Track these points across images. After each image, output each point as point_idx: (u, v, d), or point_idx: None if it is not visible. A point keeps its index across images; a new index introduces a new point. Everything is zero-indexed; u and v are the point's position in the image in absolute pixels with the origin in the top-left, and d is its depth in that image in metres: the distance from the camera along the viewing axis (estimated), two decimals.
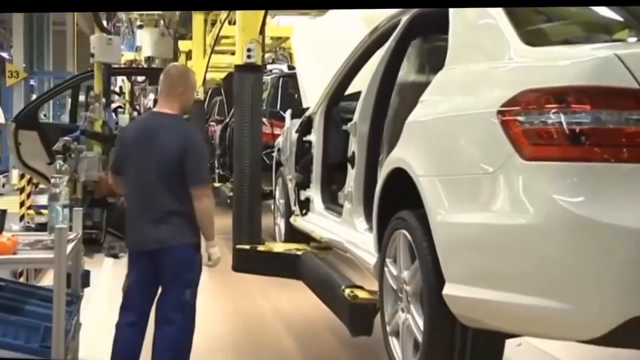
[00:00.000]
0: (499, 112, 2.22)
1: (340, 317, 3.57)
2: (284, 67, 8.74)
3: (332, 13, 5.19)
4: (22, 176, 8.12)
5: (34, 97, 21.39)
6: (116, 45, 5.08)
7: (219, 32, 8.79)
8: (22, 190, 7.94)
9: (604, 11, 2.95)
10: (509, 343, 4.61)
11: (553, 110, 2.07)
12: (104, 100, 4.90)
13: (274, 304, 5.17)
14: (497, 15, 2.58)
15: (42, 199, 7.82)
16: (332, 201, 4.35)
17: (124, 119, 5.03)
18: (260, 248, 4.67)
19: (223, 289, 6.25)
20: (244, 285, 6.88)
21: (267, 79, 7.72)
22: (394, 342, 2.93)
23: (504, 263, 2.23)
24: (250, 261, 4.69)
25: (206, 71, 9.93)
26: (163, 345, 3.60)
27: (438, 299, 2.48)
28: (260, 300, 4.38)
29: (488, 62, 2.54)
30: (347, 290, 3.45)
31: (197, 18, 9.45)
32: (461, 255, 2.42)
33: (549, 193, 2.05)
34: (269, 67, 8.41)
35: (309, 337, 4.57)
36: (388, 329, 2.98)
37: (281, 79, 7.65)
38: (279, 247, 4.87)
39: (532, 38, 2.45)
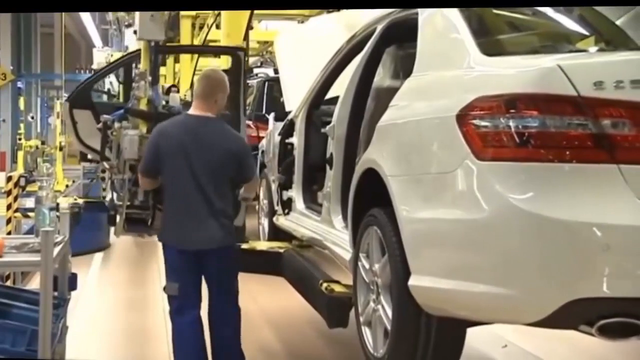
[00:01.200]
0: (458, 117, 2.44)
1: (318, 310, 3.79)
2: (270, 71, 8.95)
3: (314, 21, 5.43)
4: (9, 179, 8.03)
5: (21, 99, 21.67)
6: (159, 21, 4.90)
7: (206, 36, 9.00)
8: (9, 193, 7.86)
9: (567, 22, 3.22)
10: (496, 345, 4.83)
11: (503, 116, 2.29)
12: (149, 78, 4.80)
13: (256, 299, 5.38)
14: (460, 26, 2.82)
15: (30, 202, 8.00)
16: (312, 201, 4.57)
17: (174, 97, 4.92)
18: (244, 246, 4.88)
19: None
20: None
21: (253, 82, 7.94)
22: (366, 332, 3.15)
23: (461, 255, 2.45)
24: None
25: (194, 74, 10.12)
26: (226, 345, 3.80)
27: (404, 289, 2.69)
28: (243, 295, 4.55)
29: (450, 70, 2.77)
30: (325, 285, 3.68)
31: (185, 22, 9.65)
32: (424, 249, 2.65)
33: (499, 190, 2.27)
34: (255, 70, 8.62)
35: (287, 329, 4.84)
36: (361, 319, 3.20)
37: (266, 83, 7.86)
38: (262, 245, 5.09)
39: (490, 48, 2.68)
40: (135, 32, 4.95)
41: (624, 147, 2.15)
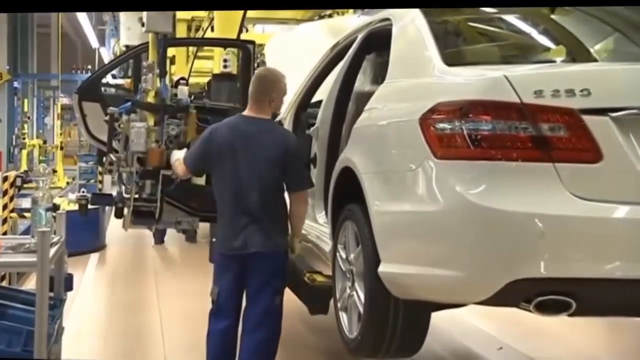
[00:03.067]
0: (420, 120, 2.78)
1: (301, 299, 4.15)
2: None
3: (302, 27, 5.77)
4: (5, 179, 8.33)
5: (25, 100, 21.99)
6: (168, 13, 4.89)
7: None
8: (4, 193, 8.12)
9: (530, 35, 3.57)
10: (491, 347, 5.15)
11: (458, 120, 2.64)
12: (157, 70, 4.80)
13: None
14: (427, 38, 3.17)
15: (26, 202, 8.27)
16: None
17: (183, 90, 4.92)
18: None
19: (203, 280, 6.77)
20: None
21: None
22: (343, 316, 3.48)
23: (422, 243, 2.80)
24: None
25: (189, 76, 10.46)
26: (252, 350, 3.75)
27: (375, 276, 3.02)
28: None
29: (417, 78, 3.12)
30: (307, 275, 4.04)
31: (180, 25, 10.00)
32: (392, 239, 2.99)
33: (453, 186, 2.62)
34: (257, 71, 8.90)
35: None
36: (339, 305, 3.54)
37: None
38: None
39: (451, 59, 3.02)
40: (143, 24, 4.97)
41: (559, 148, 2.48)
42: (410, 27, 3.39)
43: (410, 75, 3.20)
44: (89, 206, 5.45)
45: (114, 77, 13.34)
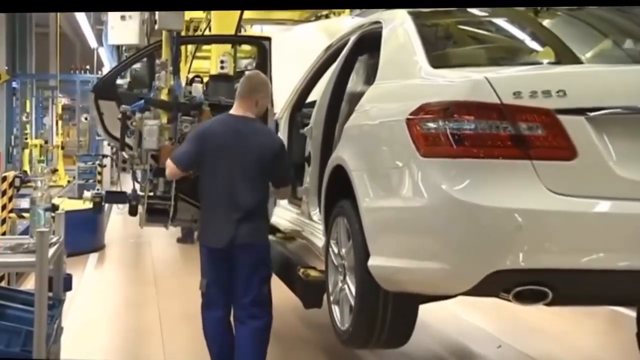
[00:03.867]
0: (407, 120, 2.94)
1: (295, 293, 4.30)
2: None
3: (298, 28, 5.92)
4: (3, 179, 8.16)
5: (15, 99, 22.06)
6: (180, 11, 4.94)
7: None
8: (3, 193, 7.97)
9: (517, 38, 3.72)
10: (490, 345, 5.26)
11: (442, 119, 2.79)
12: (170, 68, 4.81)
13: None
14: (415, 41, 3.33)
15: (24, 202, 8.11)
16: (293, 196, 5.07)
17: (197, 88, 4.94)
18: None
19: (195, 270, 6.89)
20: None
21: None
22: (335, 309, 3.64)
23: (408, 237, 2.95)
24: None
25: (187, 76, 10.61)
26: (248, 339, 3.95)
27: (365, 269, 3.17)
28: None
29: (405, 79, 3.28)
30: (302, 270, 4.19)
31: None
32: (380, 233, 3.14)
33: (437, 182, 2.77)
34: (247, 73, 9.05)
35: None
36: (331, 298, 3.69)
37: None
38: None
39: (437, 61, 3.18)
40: (155, 21, 5.11)
41: (536, 146, 2.63)
42: (399, 30, 3.55)
43: (399, 77, 3.35)
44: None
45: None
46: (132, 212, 4.97)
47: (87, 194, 4.97)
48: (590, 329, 4.45)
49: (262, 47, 5.36)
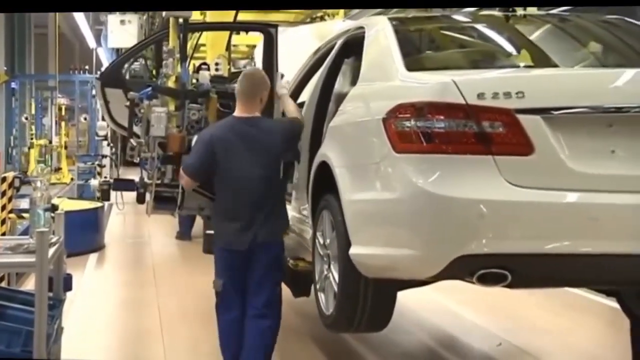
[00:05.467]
0: (383, 119, 3.24)
1: (285, 283, 4.60)
2: None
3: (290, 31, 6.22)
4: (3, 179, 8.00)
5: (14, 100, 22.37)
6: None
7: (198, 40, 9.78)
8: (3, 193, 7.82)
9: (493, 43, 4.02)
10: (491, 343, 5.43)
11: (413, 118, 3.10)
12: (178, 55, 4.80)
13: None
14: (393, 46, 3.63)
15: (24, 203, 7.98)
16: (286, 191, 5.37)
17: (204, 76, 4.92)
18: None
19: (201, 278, 7.07)
20: (212, 261, 7.64)
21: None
22: (321, 296, 3.95)
23: (385, 227, 3.26)
24: None
25: None
26: (256, 336, 4.09)
27: (347, 258, 3.47)
28: None
29: (383, 82, 3.59)
30: (291, 261, 4.50)
31: (174, 26, 10.40)
32: (360, 224, 3.44)
33: (410, 176, 3.07)
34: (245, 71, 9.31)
35: None
36: (317, 286, 4.00)
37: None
38: None
39: (412, 65, 3.48)
40: (154, 24, 5.10)
41: (497, 143, 2.93)
42: (379, 35, 3.86)
43: (378, 79, 3.66)
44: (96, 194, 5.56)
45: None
46: (140, 199, 4.97)
47: (94, 182, 5.07)
48: (591, 327, 4.59)
49: (269, 34, 5.37)
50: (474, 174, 2.95)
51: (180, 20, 4.87)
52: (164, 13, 4.97)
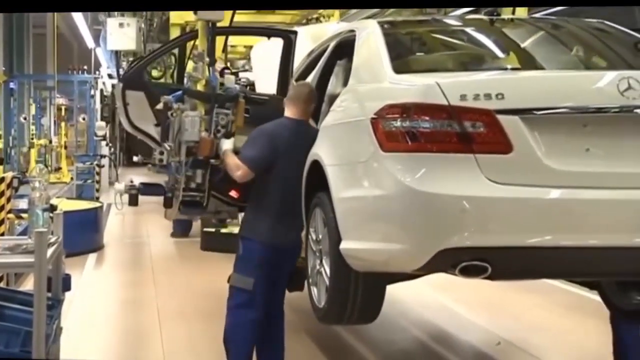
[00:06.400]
0: (371, 120, 3.41)
1: None
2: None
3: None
4: (1, 180, 7.98)
5: (13, 100, 22.52)
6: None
7: (194, 42, 9.95)
8: (1, 194, 7.80)
9: (479, 46, 4.20)
10: (490, 342, 5.55)
11: (399, 119, 3.27)
12: (207, 59, 4.88)
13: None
14: (382, 50, 3.81)
15: (23, 203, 8.07)
16: None
17: (229, 79, 4.97)
18: (223, 230, 5.77)
19: (201, 278, 7.28)
20: (210, 261, 7.76)
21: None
22: (314, 290, 4.11)
23: (373, 222, 3.42)
24: (216, 241, 5.79)
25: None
26: (283, 337, 4.47)
27: (338, 252, 3.62)
28: (223, 269, 4.96)
29: (372, 83, 3.76)
30: None
31: (174, 29, 10.61)
32: (350, 219, 3.60)
33: (396, 173, 3.24)
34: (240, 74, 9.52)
35: None
36: (310, 280, 4.17)
37: (247, 87, 8.73)
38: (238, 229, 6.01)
39: (399, 68, 3.65)
40: (195, 12, 5.04)
41: (478, 142, 3.10)
42: (369, 38, 4.03)
43: (367, 81, 3.83)
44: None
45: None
46: (168, 204, 5.04)
47: (119, 186, 5.07)
48: (591, 327, 4.73)
49: (288, 40, 5.50)
50: (456, 172, 3.12)
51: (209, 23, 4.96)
52: (193, 17, 5.12)
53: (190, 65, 5.70)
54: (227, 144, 4.55)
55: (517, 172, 3.09)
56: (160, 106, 4.91)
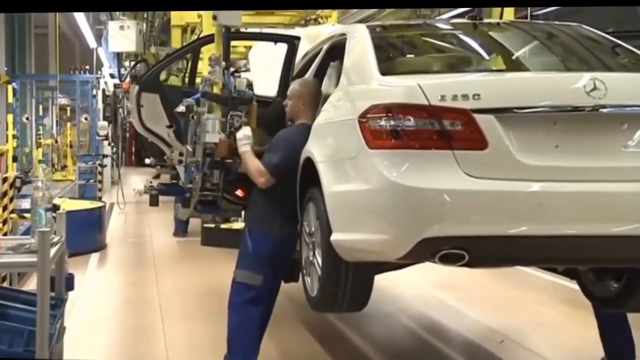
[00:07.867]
0: (358, 119, 3.69)
1: None
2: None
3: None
4: (4, 180, 8.28)
5: (15, 100, 22.72)
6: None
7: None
8: (4, 194, 8.10)
9: (466, 48, 4.47)
10: (493, 340, 5.76)
11: (384, 117, 3.55)
12: (224, 63, 5.04)
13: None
14: (369, 52, 4.09)
15: (25, 203, 8.40)
16: None
17: (241, 82, 5.13)
18: (223, 226, 6.02)
19: (202, 278, 7.52)
20: (213, 260, 7.96)
21: None
22: (307, 280, 4.37)
23: (361, 215, 3.69)
24: (215, 237, 6.03)
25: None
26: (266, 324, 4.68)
27: (329, 244, 3.88)
28: (225, 267, 5.32)
29: (360, 84, 4.05)
30: None
31: (175, 30, 10.87)
32: (340, 212, 3.87)
33: (380, 169, 3.52)
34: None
35: None
36: (304, 271, 4.45)
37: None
38: (237, 225, 6.26)
39: (386, 69, 3.93)
40: (214, 17, 5.20)
41: (456, 139, 3.37)
42: (358, 41, 4.32)
43: (356, 82, 4.11)
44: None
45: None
46: (186, 204, 5.18)
47: (138, 186, 5.21)
48: (594, 324, 4.82)
49: (292, 45, 5.72)
50: (436, 167, 3.39)
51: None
52: (217, 20, 5.15)
53: (203, 67, 5.88)
54: (244, 132, 4.73)
55: (492, 166, 3.36)
56: (181, 108, 5.09)
